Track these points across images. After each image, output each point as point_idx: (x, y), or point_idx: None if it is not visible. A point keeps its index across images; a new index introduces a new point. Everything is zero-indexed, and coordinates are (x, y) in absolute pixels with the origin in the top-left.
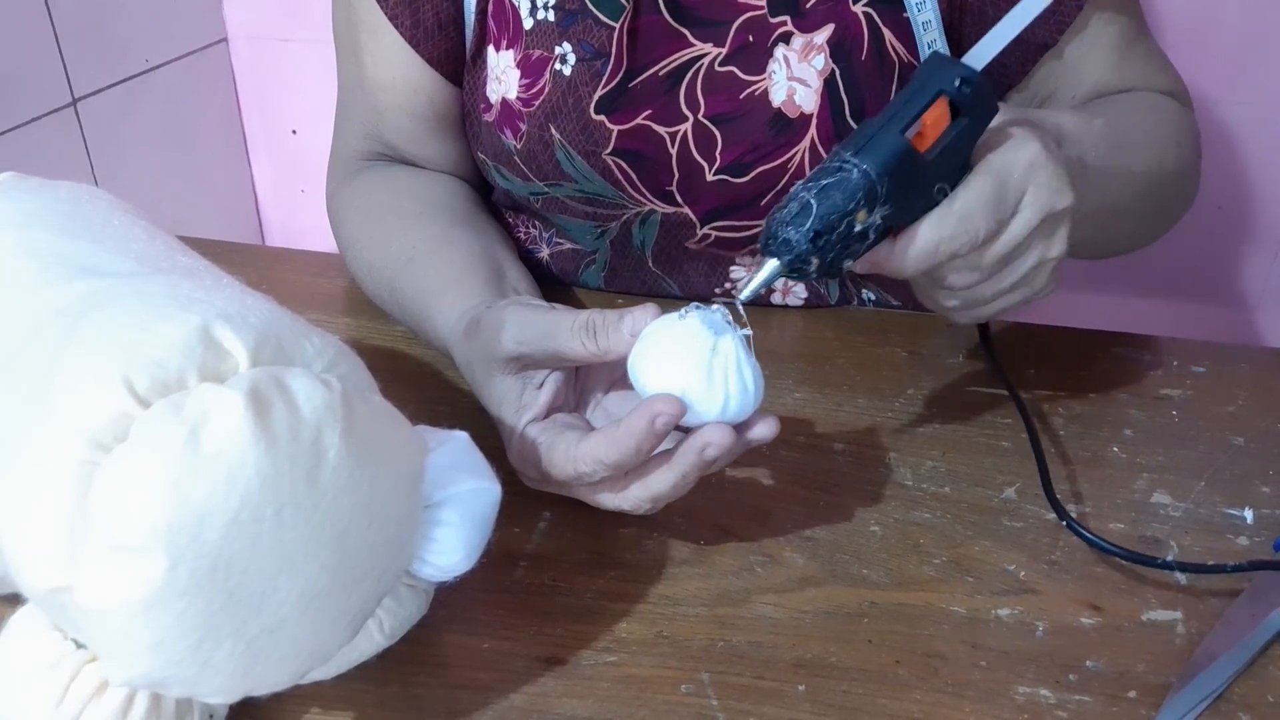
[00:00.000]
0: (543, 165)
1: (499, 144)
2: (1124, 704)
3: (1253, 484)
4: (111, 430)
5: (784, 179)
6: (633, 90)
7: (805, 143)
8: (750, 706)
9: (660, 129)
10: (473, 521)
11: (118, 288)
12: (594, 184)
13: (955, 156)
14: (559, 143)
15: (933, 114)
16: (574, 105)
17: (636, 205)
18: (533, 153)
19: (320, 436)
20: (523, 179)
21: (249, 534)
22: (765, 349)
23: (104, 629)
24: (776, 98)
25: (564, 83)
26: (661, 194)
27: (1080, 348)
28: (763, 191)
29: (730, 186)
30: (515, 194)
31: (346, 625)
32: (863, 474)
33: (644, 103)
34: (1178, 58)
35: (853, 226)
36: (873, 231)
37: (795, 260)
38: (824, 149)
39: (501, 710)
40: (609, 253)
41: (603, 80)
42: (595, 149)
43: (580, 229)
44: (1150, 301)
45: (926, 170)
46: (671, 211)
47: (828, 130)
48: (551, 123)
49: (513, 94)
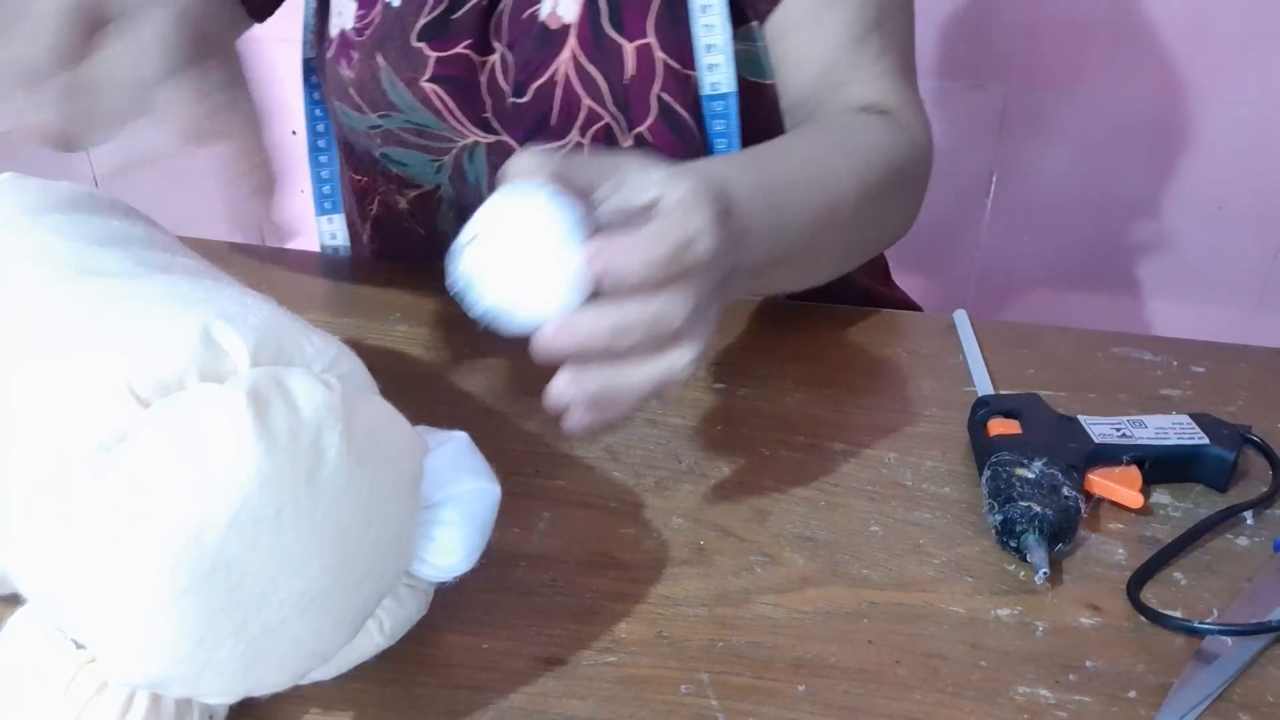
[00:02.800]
0: (372, 95)
1: (339, 78)
2: (1124, 704)
3: (1253, 484)
4: (112, 431)
5: (555, 92)
6: (454, 21)
7: (566, 52)
8: (750, 706)
9: (475, 57)
10: (473, 522)
11: (118, 288)
12: (419, 113)
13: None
14: (384, 69)
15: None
16: (399, 34)
17: (460, 135)
18: (363, 81)
19: (320, 437)
20: (357, 110)
21: (249, 535)
22: (765, 349)
23: (104, 629)
24: (543, 11)
25: (392, 14)
26: (479, 121)
27: (1080, 348)
28: (547, 109)
29: (525, 109)
30: (358, 131)
31: (347, 625)
32: (863, 474)
33: (463, 33)
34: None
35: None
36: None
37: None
38: (583, 56)
39: (501, 710)
40: (451, 190)
41: (425, 9)
42: (415, 76)
43: (419, 163)
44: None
45: None
46: (494, 140)
47: (587, 38)
48: (379, 50)
49: (350, 25)
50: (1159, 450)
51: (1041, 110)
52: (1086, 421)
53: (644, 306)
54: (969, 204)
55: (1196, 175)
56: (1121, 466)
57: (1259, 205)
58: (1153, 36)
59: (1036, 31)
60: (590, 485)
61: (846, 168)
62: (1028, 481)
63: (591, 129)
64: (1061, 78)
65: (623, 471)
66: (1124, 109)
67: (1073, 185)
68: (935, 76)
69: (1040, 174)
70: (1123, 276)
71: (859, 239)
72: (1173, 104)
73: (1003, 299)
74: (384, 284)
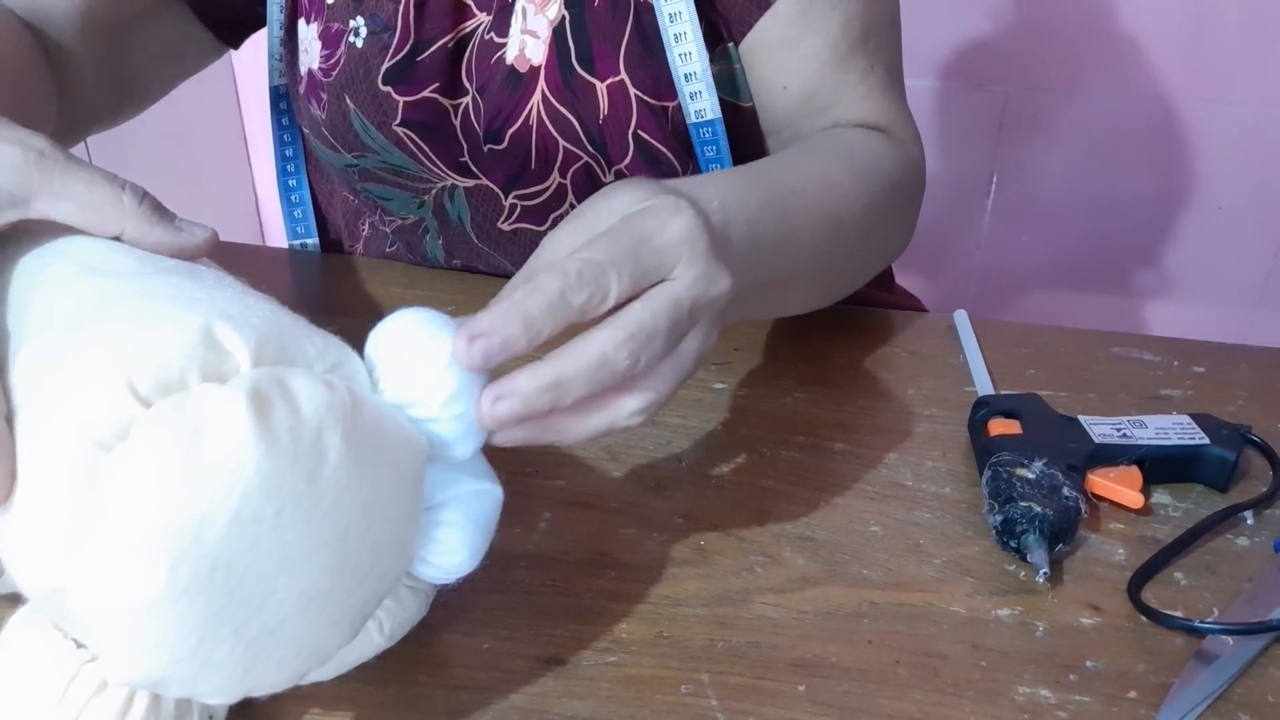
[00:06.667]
0: (345, 136)
1: (310, 115)
2: (1124, 704)
3: (1253, 484)
4: (113, 430)
5: (530, 135)
6: (419, 64)
7: (537, 96)
8: (750, 707)
9: (445, 101)
10: (476, 523)
11: (120, 287)
12: (394, 155)
13: None
14: (354, 113)
15: None
16: (364, 76)
17: (438, 178)
18: (334, 123)
19: (321, 437)
20: (332, 149)
21: (250, 534)
22: (765, 349)
23: (105, 629)
24: (510, 54)
25: (356, 54)
26: (456, 165)
27: (1080, 348)
28: (525, 154)
29: (501, 155)
30: (335, 167)
31: (347, 626)
32: (863, 474)
33: (430, 76)
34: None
35: None
36: None
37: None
38: (554, 98)
39: (501, 710)
40: (435, 222)
41: (389, 52)
42: (385, 120)
43: (400, 199)
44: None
45: None
46: (473, 184)
47: (556, 80)
48: (346, 93)
49: (316, 65)
50: (1159, 450)
51: (1041, 110)
52: (1087, 421)
53: (580, 357)
54: (969, 204)
55: (1196, 175)
56: (1122, 467)
57: (1259, 205)
58: (1153, 36)
59: (1036, 31)
60: (590, 485)
61: (849, 177)
62: (1028, 482)
63: (570, 169)
64: (1061, 78)
65: (623, 471)
66: (1124, 109)
67: (1073, 185)
68: (935, 76)
69: (1040, 174)
70: (1123, 276)
71: (865, 252)
72: (1173, 104)
73: (1003, 299)
74: (383, 284)
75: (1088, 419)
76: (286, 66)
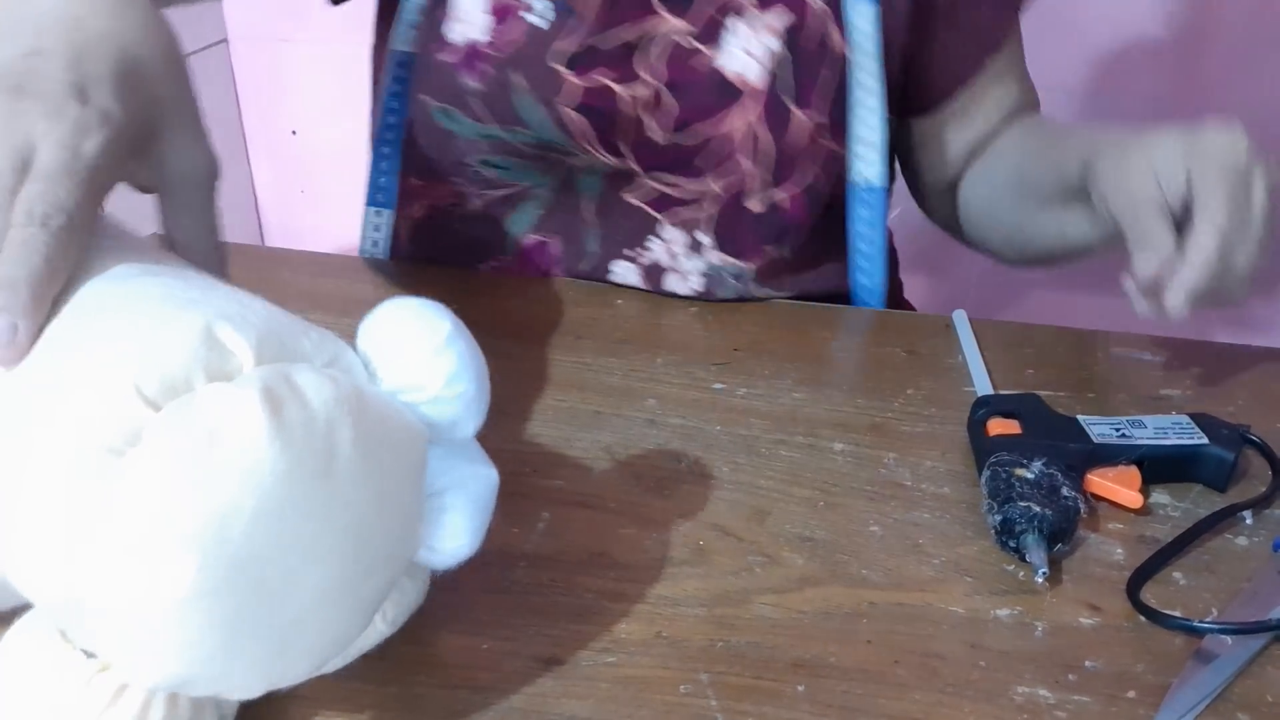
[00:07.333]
0: (500, 110)
1: (455, 85)
2: (1123, 704)
3: (1253, 484)
4: (123, 435)
5: (716, 141)
6: (598, 49)
7: (745, 110)
8: (750, 707)
9: (619, 89)
10: (477, 505)
11: (116, 289)
12: (550, 132)
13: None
14: (522, 89)
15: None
16: (541, 57)
17: (589, 157)
18: (492, 95)
19: (332, 430)
20: (475, 120)
21: (271, 530)
22: (765, 349)
23: (132, 634)
24: (726, 65)
25: (534, 33)
26: (611, 148)
27: (1080, 348)
28: (702, 150)
29: (674, 145)
30: (458, 136)
31: (363, 613)
32: (863, 474)
33: (607, 62)
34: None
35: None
36: None
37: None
38: (758, 119)
39: (501, 710)
40: (550, 195)
41: (571, 36)
42: (553, 98)
43: (525, 171)
44: None
45: None
46: (616, 162)
47: (769, 103)
48: (518, 70)
49: (483, 38)
50: (1158, 450)
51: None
52: (1086, 421)
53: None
54: None
55: None
56: (1121, 466)
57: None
58: (1153, 37)
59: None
60: (590, 485)
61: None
62: (1027, 482)
63: (725, 180)
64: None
65: (622, 471)
66: (1124, 109)
67: None
68: None
69: None
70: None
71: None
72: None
73: (1003, 299)
74: (383, 284)
75: (1087, 419)
76: (421, 35)
